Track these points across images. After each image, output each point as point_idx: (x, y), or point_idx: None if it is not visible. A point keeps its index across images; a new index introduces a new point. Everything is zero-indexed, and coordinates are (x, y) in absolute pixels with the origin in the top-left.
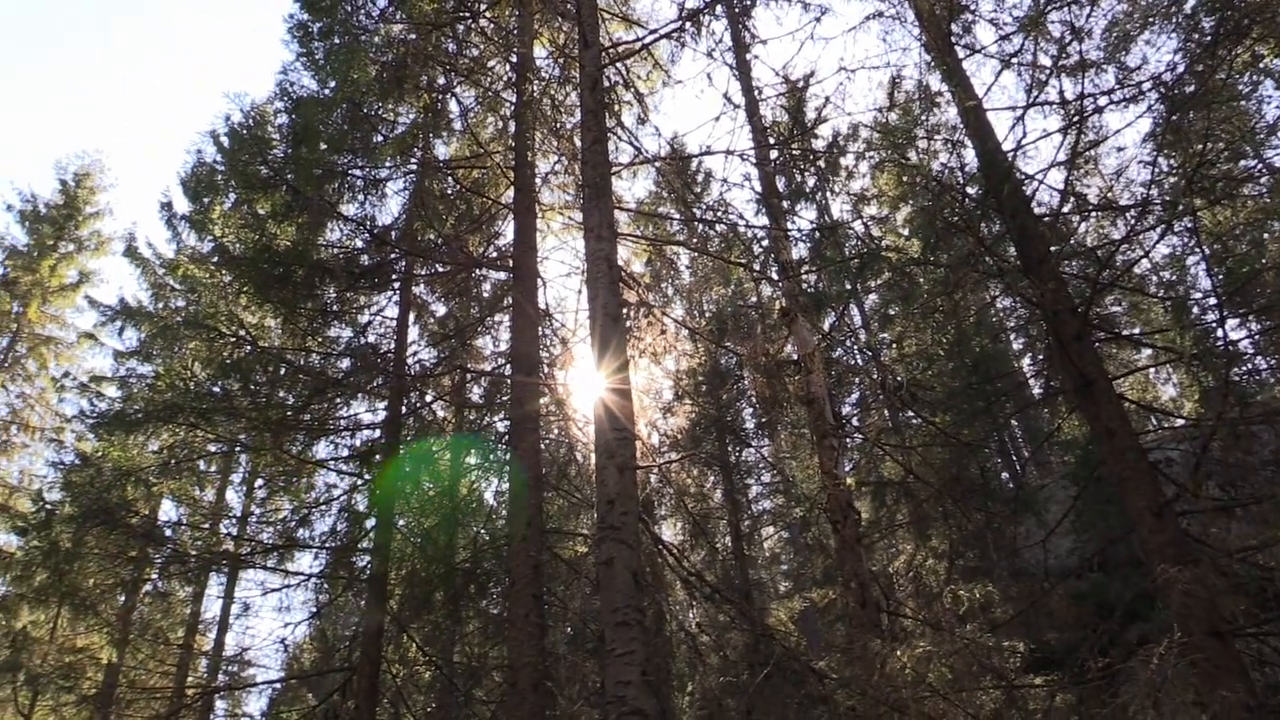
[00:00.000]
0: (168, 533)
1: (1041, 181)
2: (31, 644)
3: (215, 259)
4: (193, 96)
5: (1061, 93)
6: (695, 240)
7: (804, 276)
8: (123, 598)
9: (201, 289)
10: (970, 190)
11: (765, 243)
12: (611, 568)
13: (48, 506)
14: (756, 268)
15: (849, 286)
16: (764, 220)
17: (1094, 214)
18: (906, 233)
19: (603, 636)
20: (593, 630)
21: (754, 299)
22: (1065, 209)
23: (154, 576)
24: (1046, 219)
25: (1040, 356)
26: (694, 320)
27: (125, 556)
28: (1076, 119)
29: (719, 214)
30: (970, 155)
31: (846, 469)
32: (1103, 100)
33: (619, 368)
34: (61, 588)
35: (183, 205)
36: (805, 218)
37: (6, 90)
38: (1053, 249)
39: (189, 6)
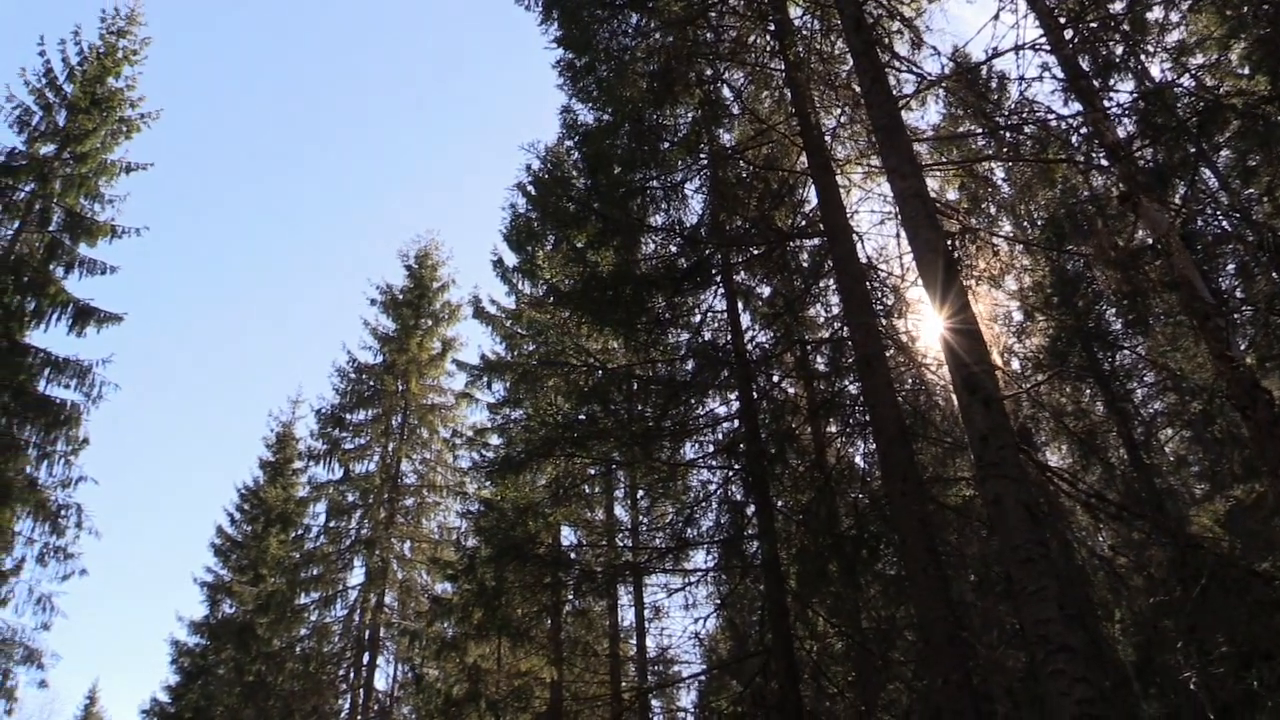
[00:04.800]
0: (572, 556)
1: None
2: (484, 675)
3: (550, 299)
4: (496, 151)
5: None
6: (1005, 150)
7: (1138, 154)
8: (549, 621)
9: (546, 330)
10: None
11: (1084, 130)
12: (1001, 505)
13: (468, 552)
14: (1080, 159)
15: (1192, 150)
16: (1076, 107)
17: None
18: (1246, 71)
19: (1009, 577)
20: (998, 573)
21: (1086, 193)
22: None
23: (570, 597)
24: None
25: None
26: (1026, 233)
27: (541, 584)
28: None
29: (1024, 116)
30: None
31: (1242, 347)
32: None
33: (959, 302)
34: (496, 621)
35: (510, 258)
36: (1123, 90)
37: (341, 193)
38: None
39: (455, 69)
